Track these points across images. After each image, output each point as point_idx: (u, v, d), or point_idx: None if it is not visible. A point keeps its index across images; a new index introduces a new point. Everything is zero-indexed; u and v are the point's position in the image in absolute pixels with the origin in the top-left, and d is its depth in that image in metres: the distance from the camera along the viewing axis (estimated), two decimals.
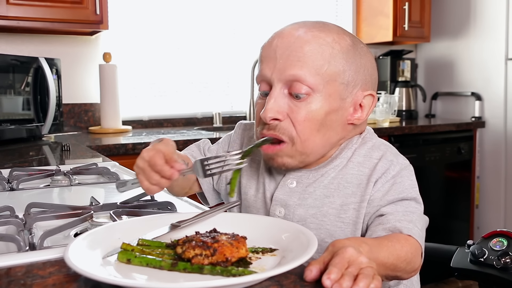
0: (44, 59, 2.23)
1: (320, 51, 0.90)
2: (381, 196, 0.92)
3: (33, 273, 0.65)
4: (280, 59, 0.91)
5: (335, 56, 0.91)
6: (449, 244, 1.42)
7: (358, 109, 0.96)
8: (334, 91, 0.92)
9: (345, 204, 0.94)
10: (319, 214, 0.95)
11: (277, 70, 0.91)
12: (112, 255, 0.69)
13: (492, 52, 3.31)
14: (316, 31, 0.92)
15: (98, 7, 2.35)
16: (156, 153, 0.79)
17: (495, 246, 1.28)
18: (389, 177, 0.93)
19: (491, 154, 3.36)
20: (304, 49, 0.90)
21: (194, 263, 0.65)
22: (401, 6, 3.27)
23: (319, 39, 0.91)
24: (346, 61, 0.92)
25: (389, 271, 0.80)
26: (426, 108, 3.77)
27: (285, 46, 0.92)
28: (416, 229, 0.86)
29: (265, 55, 0.95)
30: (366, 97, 0.96)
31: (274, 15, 3.27)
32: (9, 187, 1.23)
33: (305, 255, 0.64)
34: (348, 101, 0.94)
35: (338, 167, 0.97)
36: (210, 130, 2.84)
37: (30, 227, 0.85)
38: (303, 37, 0.91)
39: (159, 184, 0.80)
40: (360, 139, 0.99)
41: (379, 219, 0.90)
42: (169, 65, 2.98)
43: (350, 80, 0.93)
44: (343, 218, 0.94)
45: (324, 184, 0.96)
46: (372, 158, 0.96)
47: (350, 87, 0.94)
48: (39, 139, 2.30)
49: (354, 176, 0.95)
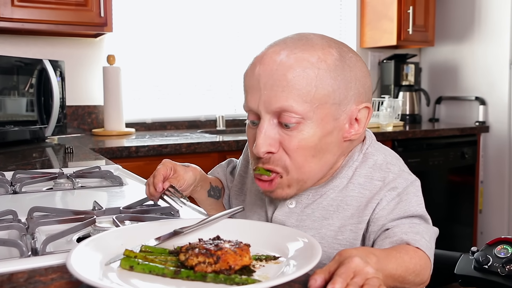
0: (48, 61, 2.23)
1: (305, 76, 0.85)
2: (386, 215, 0.89)
3: (35, 279, 0.65)
4: (264, 89, 0.86)
5: (322, 77, 0.85)
6: (452, 249, 1.42)
7: (354, 123, 0.91)
8: (326, 114, 0.87)
9: (343, 226, 0.92)
10: (317, 236, 0.93)
11: (263, 102, 0.87)
12: (114, 262, 0.68)
13: (497, 57, 3.30)
14: (299, 52, 0.86)
15: (103, 10, 2.35)
16: (161, 168, 0.92)
17: (499, 253, 1.28)
18: (394, 194, 0.90)
19: (495, 159, 3.35)
20: (288, 77, 0.85)
21: (197, 270, 0.64)
22: (406, 10, 3.26)
23: (302, 61, 0.85)
24: (335, 80, 0.87)
25: (397, 283, 0.79)
26: (430, 112, 3.76)
27: (267, 75, 0.86)
28: (424, 241, 0.84)
29: (249, 85, 0.90)
30: (361, 110, 0.91)
31: (277, 18, 3.27)
32: (12, 190, 1.23)
33: (309, 264, 0.63)
34: (342, 118, 0.90)
35: (338, 187, 0.94)
36: (213, 133, 2.83)
37: (32, 231, 0.84)
38: (285, 62, 0.86)
39: (152, 195, 0.92)
40: (361, 155, 0.96)
41: (385, 233, 0.88)
42: (172, 67, 2.98)
43: (342, 98, 0.88)
44: (340, 240, 0.92)
45: (323, 206, 0.94)
46: (373, 179, 0.93)
47: (343, 105, 0.89)
48: (42, 141, 2.30)
49: (354, 198, 0.92)
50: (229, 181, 1.18)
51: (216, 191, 1.09)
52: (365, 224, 0.90)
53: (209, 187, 1.06)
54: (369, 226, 0.91)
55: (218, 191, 1.10)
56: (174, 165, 0.95)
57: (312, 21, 3.39)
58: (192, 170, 0.99)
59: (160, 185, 0.90)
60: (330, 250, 0.93)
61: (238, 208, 0.91)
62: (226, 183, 1.17)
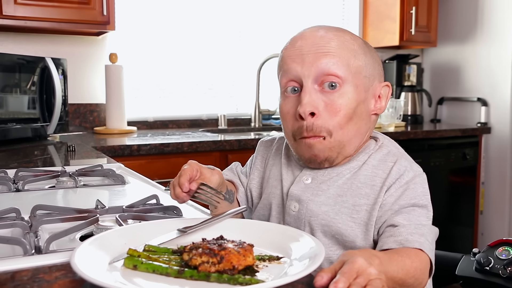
0: (50, 59, 2.23)
1: (344, 47, 0.96)
2: (393, 201, 0.94)
3: (39, 278, 0.65)
4: (308, 56, 0.96)
5: (356, 51, 0.98)
6: (452, 249, 1.42)
7: (378, 100, 1.03)
8: (360, 83, 0.98)
9: (358, 205, 0.97)
10: (331, 212, 0.98)
11: (307, 65, 0.95)
12: (118, 261, 0.68)
13: (499, 58, 3.30)
14: (335, 31, 0.99)
15: (105, 8, 2.35)
16: (187, 168, 0.91)
17: (501, 255, 1.28)
18: (402, 182, 0.95)
19: (496, 160, 3.35)
20: (330, 45, 0.96)
21: (201, 270, 0.64)
22: (408, 10, 3.26)
23: (340, 36, 0.98)
24: (365, 56, 0.99)
25: (397, 286, 0.80)
26: (431, 113, 3.76)
27: (310, 45, 0.96)
28: (427, 243, 0.87)
29: (290, 55, 0.98)
30: (383, 88, 1.03)
31: (280, 18, 3.27)
32: (14, 188, 1.23)
33: (313, 265, 0.63)
34: (370, 92, 1.01)
35: (354, 169, 1.01)
36: (215, 132, 2.83)
37: (35, 229, 0.85)
38: (325, 35, 0.97)
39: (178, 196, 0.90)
40: (377, 146, 1.03)
41: (391, 230, 0.90)
42: (174, 66, 2.98)
43: (370, 73, 1.00)
44: (355, 218, 0.96)
45: (338, 184, 1.00)
46: (387, 162, 0.99)
47: (371, 80, 1.00)
48: (44, 139, 2.30)
49: (367, 177, 0.98)
50: (242, 179, 1.19)
51: (231, 194, 1.10)
52: (379, 206, 0.95)
53: (226, 191, 1.07)
54: (377, 212, 0.95)
55: (232, 194, 1.11)
56: (200, 166, 0.94)
57: (314, 21, 3.39)
58: (217, 173, 0.99)
59: (187, 185, 0.88)
60: (345, 227, 0.96)
61: (241, 208, 0.91)
62: (239, 181, 1.18)
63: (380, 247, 0.89)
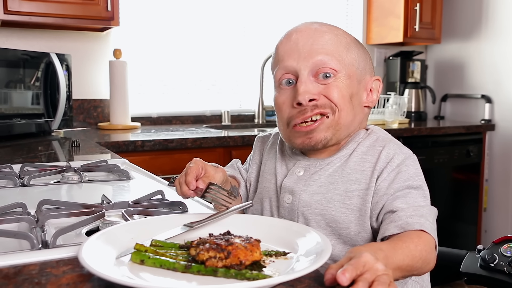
0: (55, 54, 2.23)
1: (338, 40, 1.01)
2: (388, 185, 0.96)
3: (46, 272, 0.65)
4: (304, 48, 0.99)
5: (349, 44, 1.03)
6: (455, 246, 1.42)
7: (369, 93, 1.07)
8: (353, 74, 1.02)
9: (349, 191, 0.99)
10: (324, 200, 1.00)
11: (303, 58, 0.99)
12: (125, 256, 0.68)
13: (503, 55, 3.28)
14: (328, 26, 1.04)
15: (110, 4, 2.35)
16: (193, 166, 0.93)
17: (505, 252, 1.27)
18: (394, 165, 0.97)
19: (500, 157, 3.34)
20: (325, 38, 1.00)
21: (208, 265, 0.64)
22: (413, 7, 3.25)
23: (333, 30, 1.03)
24: (358, 50, 1.04)
25: (405, 272, 0.82)
26: (435, 110, 3.75)
27: (305, 37, 1.00)
28: (428, 223, 0.89)
29: (285, 50, 1.02)
30: (374, 81, 1.08)
31: (284, 14, 3.26)
32: (20, 182, 1.24)
33: (319, 260, 0.63)
34: (362, 85, 1.05)
35: (344, 157, 1.04)
36: (218, 128, 2.83)
37: (42, 224, 0.85)
38: (320, 29, 1.02)
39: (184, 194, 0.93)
40: (366, 134, 1.07)
41: (390, 216, 0.92)
42: (178, 62, 2.98)
43: (362, 66, 1.04)
44: (348, 204, 0.98)
45: (329, 173, 1.02)
46: (375, 147, 1.03)
47: (363, 73, 1.05)
48: (48, 134, 2.31)
49: (357, 163, 1.01)
50: (243, 174, 1.23)
51: (235, 190, 1.12)
52: (372, 191, 0.97)
53: (230, 187, 1.08)
54: (372, 198, 0.97)
55: (236, 190, 1.14)
56: (204, 164, 0.97)
57: (318, 17, 3.38)
58: (221, 170, 1.02)
59: (194, 183, 0.92)
60: (338, 214, 0.98)
61: (247, 204, 0.91)
62: (240, 176, 1.22)
63: (382, 235, 0.90)
